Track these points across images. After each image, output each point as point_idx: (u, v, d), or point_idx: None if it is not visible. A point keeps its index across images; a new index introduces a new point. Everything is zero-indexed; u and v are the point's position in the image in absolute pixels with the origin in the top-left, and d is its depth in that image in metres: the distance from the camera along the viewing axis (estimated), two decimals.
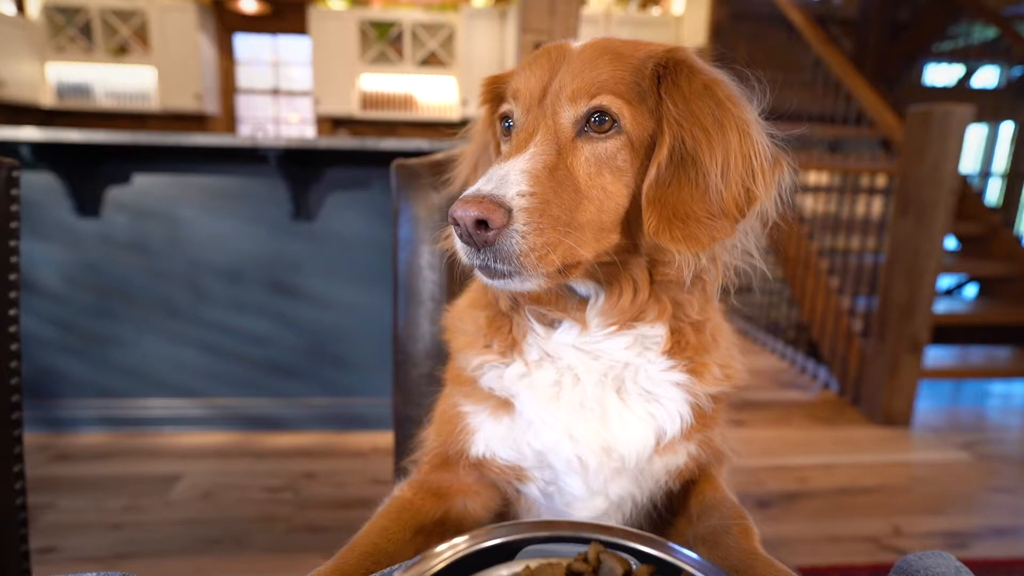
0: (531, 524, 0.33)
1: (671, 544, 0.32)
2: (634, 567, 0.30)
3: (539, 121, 0.46)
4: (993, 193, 4.41)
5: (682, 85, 0.45)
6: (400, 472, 0.64)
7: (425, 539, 0.51)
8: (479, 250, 0.43)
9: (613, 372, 0.51)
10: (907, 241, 2.62)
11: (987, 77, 5.80)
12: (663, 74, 0.46)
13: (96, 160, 2.19)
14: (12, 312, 0.65)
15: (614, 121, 0.45)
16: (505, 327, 0.54)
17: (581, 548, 0.32)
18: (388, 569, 0.37)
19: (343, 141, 2.11)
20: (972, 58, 5.35)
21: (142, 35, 5.60)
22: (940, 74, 6.03)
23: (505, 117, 0.51)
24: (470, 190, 0.42)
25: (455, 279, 0.83)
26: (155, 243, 2.30)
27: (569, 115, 0.46)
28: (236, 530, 1.84)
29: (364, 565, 0.44)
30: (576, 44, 0.49)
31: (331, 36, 5.77)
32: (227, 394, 2.44)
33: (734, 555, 0.45)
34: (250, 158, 2.22)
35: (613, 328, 0.50)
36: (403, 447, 0.85)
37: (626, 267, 0.49)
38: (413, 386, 0.88)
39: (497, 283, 0.45)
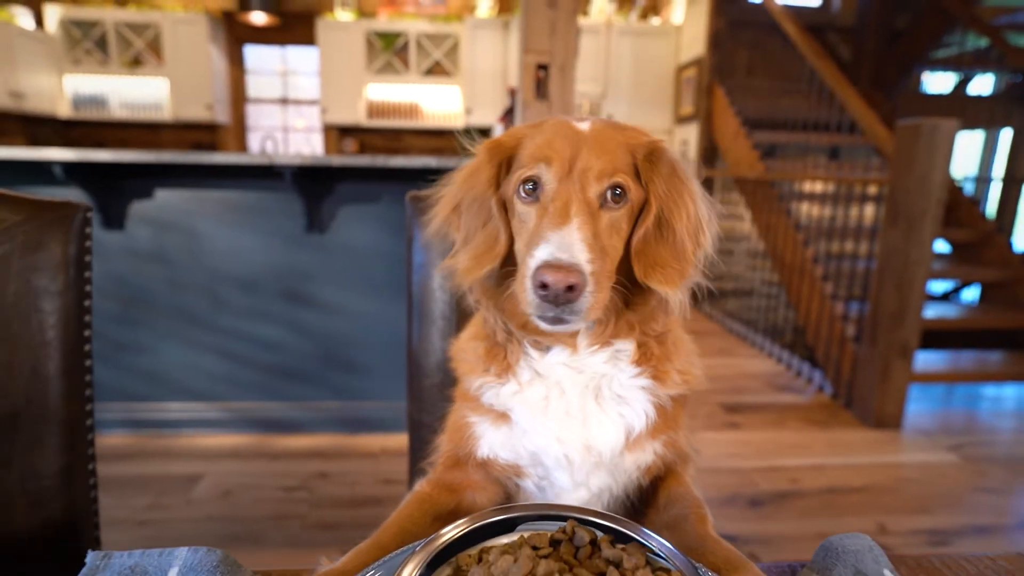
0: (522, 506, 0.44)
1: (631, 522, 0.42)
2: (598, 536, 0.41)
3: (571, 194, 0.56)
4: (987, 199, 4.48)
5: (662, 169, 0.59)
6: (418, 472, 0.75)
7: (442, 526, 0.61)
8: (558, 306, 0.52)
9: (592, 382, 0.62)
10: (897, 250, 2.71)
11: (983, 84, 5.88)
12: (650, 159, 0.60)
13: (121, 176, 2.32)
14: (87, 333, 0.77)
15: (625, 194, 0.58)
16: (500, 355, 0.65)
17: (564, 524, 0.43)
18: (411, 544, 0.47)
19: (355, 159, 2.23)
20: (967, 66, 5.42)
21: (155, 47, 5.76)
22: (937, 81, 6.11)
23: (528, 180, 0.59)
24: (548, 256, 0.51)
25: (460, 307, 0.96)
26: (176, 254, 2.43)
27: (596, 191, 0.57)
28: (254, 527, 1.94)
29: (396, 542, 0.54)
30: (582, 125, 0.60)
31: (338, 47, 5.91)
32: (244, 398, 2.56)
33: (691, 538, 0.55)
34: (266, 174, 2.34)
35: (596, 347, 0.61)
36: (418, 449, 0.96)
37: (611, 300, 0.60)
38: (426, 395, 0.99)
39: (557, 327, 0.56)
